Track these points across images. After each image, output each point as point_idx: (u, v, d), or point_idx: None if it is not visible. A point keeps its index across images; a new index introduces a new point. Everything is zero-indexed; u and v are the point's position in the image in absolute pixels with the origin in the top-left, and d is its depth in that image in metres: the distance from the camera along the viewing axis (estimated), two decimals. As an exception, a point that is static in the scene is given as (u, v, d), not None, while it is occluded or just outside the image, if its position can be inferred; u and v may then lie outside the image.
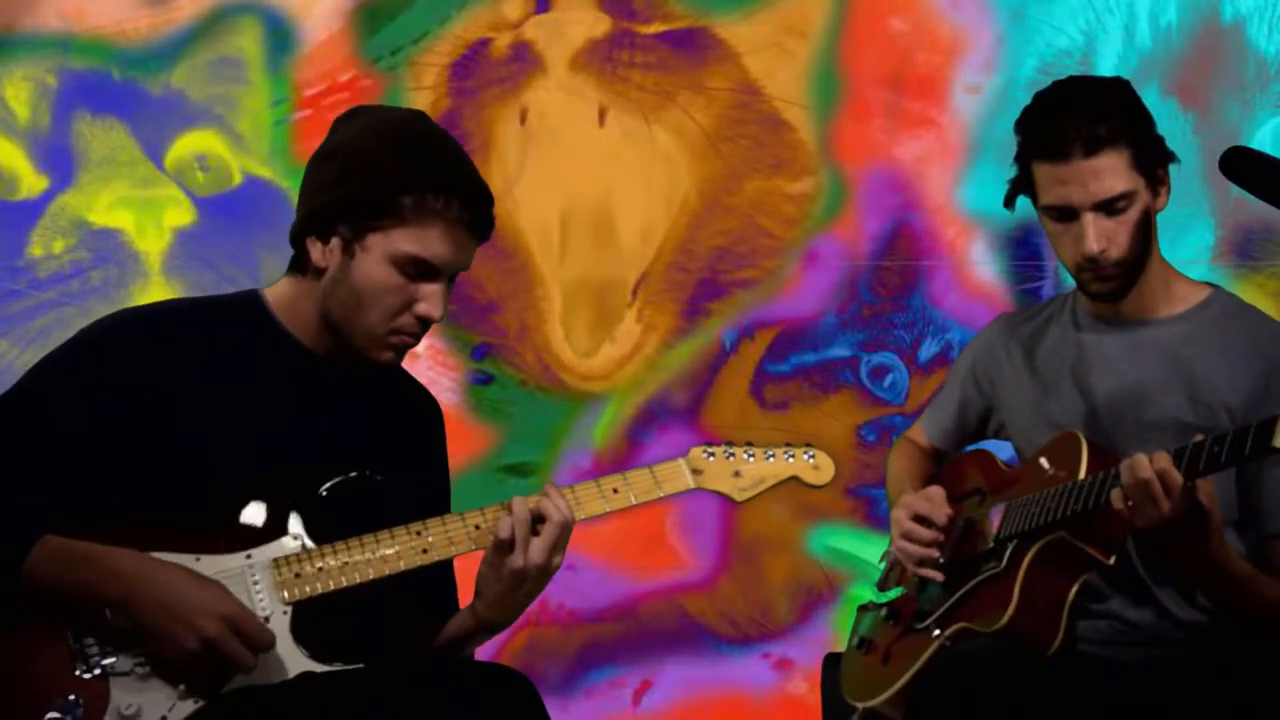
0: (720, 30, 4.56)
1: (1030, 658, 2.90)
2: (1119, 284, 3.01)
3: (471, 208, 2.76)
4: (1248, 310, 3.08)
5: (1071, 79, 3.13)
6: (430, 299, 2.75)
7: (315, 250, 2.78)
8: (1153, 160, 2.99)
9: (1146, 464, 2.76)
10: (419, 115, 2.92)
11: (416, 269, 2.73)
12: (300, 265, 2.83)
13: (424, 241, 2.72)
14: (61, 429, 2.71)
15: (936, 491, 3.20)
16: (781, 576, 4.57)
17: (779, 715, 4.55)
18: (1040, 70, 4.47)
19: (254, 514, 2.72)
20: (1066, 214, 2.98)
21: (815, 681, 3.74)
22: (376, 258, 2.73)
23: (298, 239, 2.82)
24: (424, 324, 2.78)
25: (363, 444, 2.83)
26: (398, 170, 2.73)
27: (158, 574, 2.63)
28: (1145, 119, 3.01)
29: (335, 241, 2.76)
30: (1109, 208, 2.95)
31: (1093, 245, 2.96)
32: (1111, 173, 2.94)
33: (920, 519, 3.16)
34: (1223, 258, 4.41)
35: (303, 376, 2.83)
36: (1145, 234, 2.99)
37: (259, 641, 2.64)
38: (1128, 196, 2.95)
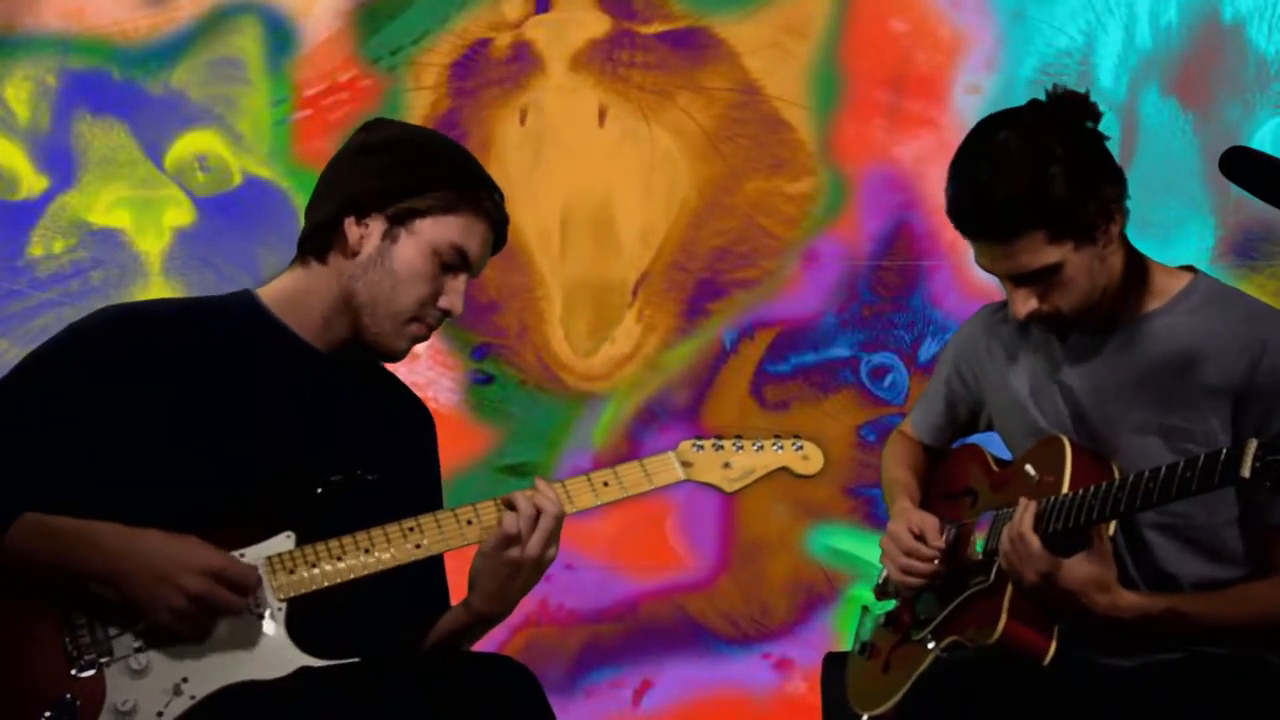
0: (720, 30, 4.57)
1: (1025, 668, 2.90)
2: (1066, 328, 2.97)
3: (502, 208, 2.89)
4: (1229, 294, 3.02)
5: (987, 133, 2.92)
6: (454, 293, 2.84)
7: (353, 232, 2.83)
8: (1077, 223, 2.85)
9: (1014, 524, 2.84)
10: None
11: (453, 260, 2.82)
12: (318, 254, 2.86)
13: (467, 233, 2.83)
14: (47, 420, 2.71)
15: (930, 526, 3.16)
16: (781, 576, 4.57)
17: (778, 715, 4.55)
18: (1040, 70, 4.47)
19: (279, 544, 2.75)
20: (995, 275, 2.95)
21: (815, 681, 3.74)
22: (421, 244, 2.81)
23: (329, 223, 2.84)
24: (442, 318, 2.86)
25: (358, 442, 2.84)
26: (449, 170, 2.85)
27: (136, 541, 2.64)
28: (1064, 183, 2.82)
29: (376, 226, 2.81)
30: (1032, 278, 2.89)
31: (1018, 311, 2.92)
32: (1026, 253, 2.85)
33: (911, 553, 3.16)
34: (1223, 258, 4.40)
35: (302, 371, 2.85)
36: (1089, 280, 2.89)
37: (245, 584, 2.66)
38: (1052, 267, 2.86)
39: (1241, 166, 2.64)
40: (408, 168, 2.83)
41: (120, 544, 2.63)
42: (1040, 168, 2.84)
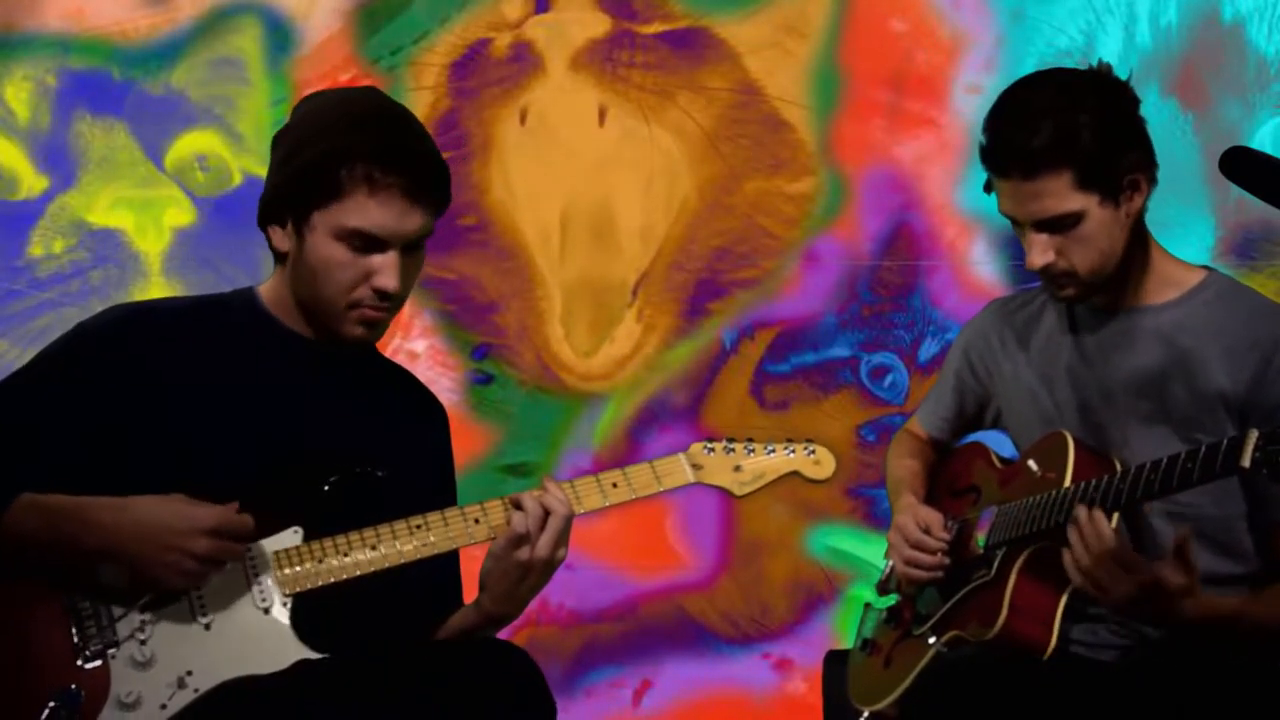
0: (720, 30, 4.57)
1: (1024, 663, 2.90)
2: (1077, 291, 2.97)
3: (408, 175, 2.74)
4: (1243, 291, 3.04)
5: (1031, 80, 3.00)
6: (384, 271, 2.74)
7: (275, 236, 2.81)
8: (1105, 175, 2.88)
9: (1092, 538, 2.79)
10: (367, 91, 2.94)
11: (362, 242, 2.74)
12: (276, 258, 2.87)
13: (363, 214, 2.72)
14: (55, 417, 2.71)
15: (935, 520, 3.18)
16: (781, 576, 4.57)
17: (779, 715, 4.55)
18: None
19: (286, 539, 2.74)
20: (1016, 223, 2.97)
21: (815, 681, 3.74)
22: (322, 236, 2.74)
23: (264, 231, 2.84)
24: (384, 297, 2.77)
25: (367, 436, 2.84)
26: (330, 146, 2.73)
27: (128, 513, 2.63)
28: (1097, 132, 2.87)
29: (289, 225, 2.78)
30: (1053, 225, 2.90)
31: (1034, 260, 2.93)
32: (1051, 194, 2.88)
33: (918, 546, 3.16)
34: (1223, 258, 4.41)
35: (304, 366, 2.85)
36: (1107, 241, 2.91)
37: (245, 532, 2.66)
38: (1074, 215, 2.88)
39: (1241, 166, 2.65)
40: (284, 165, 2.78)
41: (114, 517, 2.63)
42: (1073, 113, 2.87)
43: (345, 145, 2.72)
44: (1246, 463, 2.57)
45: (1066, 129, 2.86)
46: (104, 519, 2.63)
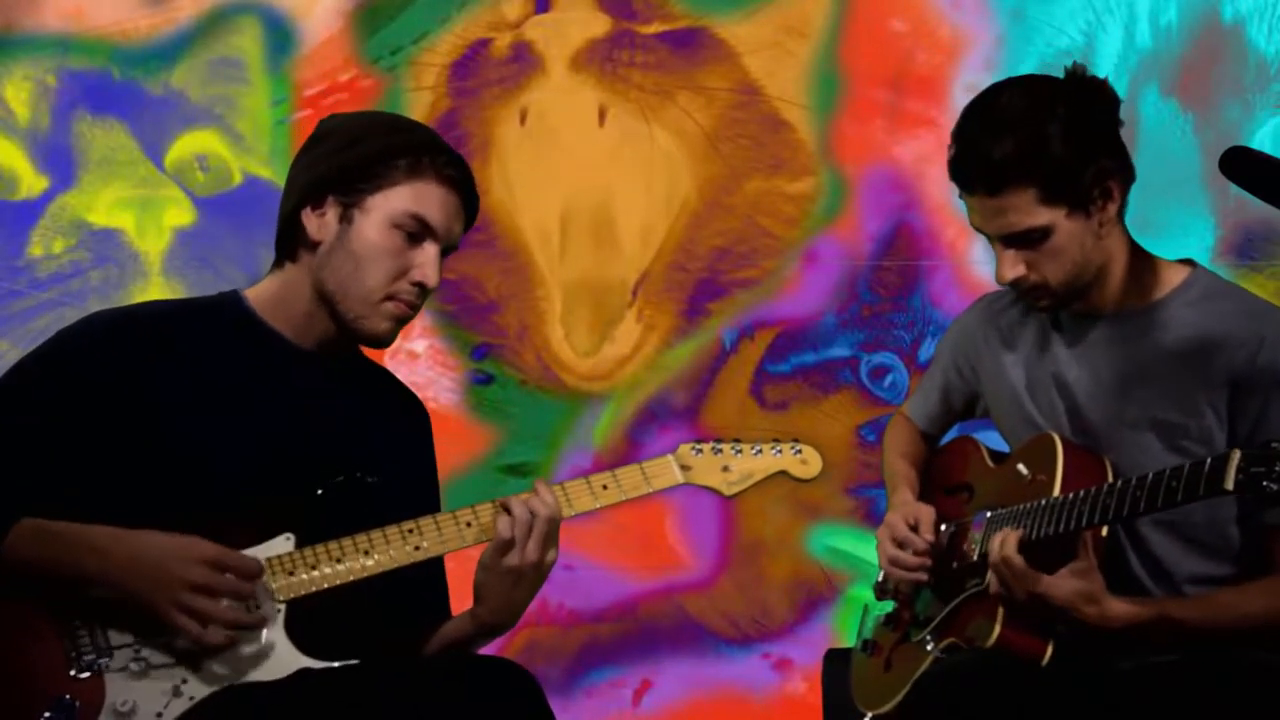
0: (720, 30, 4.57)
1: (1028, 668, 2.89)
2: (1052, 302, 2.95)
3: (467, 178, 2.85)
4: (1226, 289, 3.00)
5: (997, 90, 2.95)
6: (426, 264, 2.80)
7: (311, 223, 2.81)
8: (1073, 187, 2.84)
9: (995, 549, 2.83)
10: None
11: (415, 228, 2.78)
12: (289, 252, 2.86)
13: (421, 199, 2.78)
14: (37, 426, 2.70)
15: (926, 515, 3.17)
16: (781, 576, 4.57)
17: (779, 715, 4.55)
18: (1040, 70, 4.46)
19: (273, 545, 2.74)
20: (986, 236, 2.94)
21: (815, 681, 3.73)
22: (376, 220, 2.78)
23: (290, 220, 2.84)
24: (420, 293, 2.81)
25: (353, 441, 2.84)
26: (390, 139, 2.81)
27: (131, 540, 2.63)
28: (1063, 144, 2.82)
29: (331, 212, 2.80)
30: (1021, 240, 2.88)
31: (1004, 274, 2.91)
32: (1016, 210, 2.84)
33: (903, 544, 3.16)
34: (1223, 258, 4.40)
35: (290, 372, 2.84)
36: (1079, 252, 2.89)
37: (247, 571, 2.65)
38: (1041, 230, 2.85)
39: (1241, 166, 2.64)
40: (348, 147, 2.80)
41: (115, 544, 2.62)
42: (1039, 125, 2.83)
43: (417, 138, 2.83)
44: (1229, 485, 2.55)
45: (1030, 143, 2.82)
46: (106, 545, 2.62)
